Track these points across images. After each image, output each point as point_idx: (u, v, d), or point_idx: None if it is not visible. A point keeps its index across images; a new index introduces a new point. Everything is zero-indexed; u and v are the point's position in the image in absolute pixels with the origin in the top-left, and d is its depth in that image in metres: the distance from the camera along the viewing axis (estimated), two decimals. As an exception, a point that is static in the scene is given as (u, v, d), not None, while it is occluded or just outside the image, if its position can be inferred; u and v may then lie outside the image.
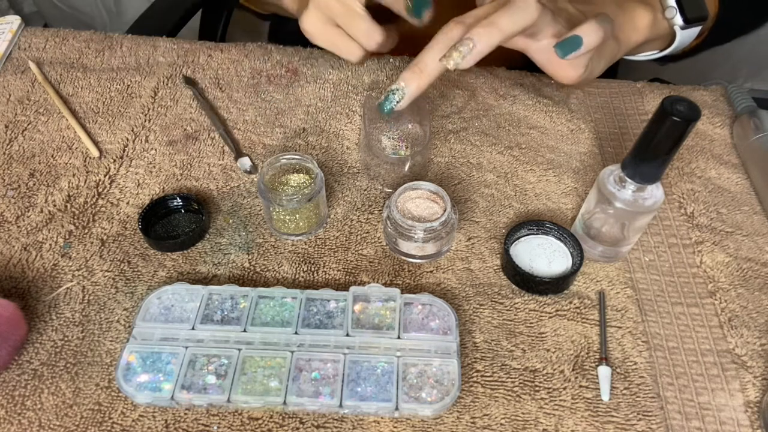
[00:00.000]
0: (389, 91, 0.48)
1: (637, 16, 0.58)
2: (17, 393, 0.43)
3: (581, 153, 0.62)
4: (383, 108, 0.48)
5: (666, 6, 0.59)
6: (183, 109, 0.64)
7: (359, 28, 0.53)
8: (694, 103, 0.40)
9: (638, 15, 0.58)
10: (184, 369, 0.43)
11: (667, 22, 0.59)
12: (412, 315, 0.47)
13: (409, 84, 0.47)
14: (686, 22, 0.59)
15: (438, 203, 0.52)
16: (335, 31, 0.55)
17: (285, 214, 0.51)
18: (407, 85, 0.47)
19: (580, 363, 0.46)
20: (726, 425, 0.44)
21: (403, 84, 0.47)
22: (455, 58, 0.45)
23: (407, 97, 0.47)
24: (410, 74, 0.47)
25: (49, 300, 0.48)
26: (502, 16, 0.45)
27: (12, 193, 0.55)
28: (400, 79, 0.47)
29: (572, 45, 0.47)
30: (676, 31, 0.60)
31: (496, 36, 0.45)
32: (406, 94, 0.47)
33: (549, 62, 0.52)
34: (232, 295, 0.47)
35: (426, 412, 0.42)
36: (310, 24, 0.55)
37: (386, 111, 0.48)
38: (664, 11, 0.59)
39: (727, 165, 0.61)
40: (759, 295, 0.51)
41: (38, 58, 0.68)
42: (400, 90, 0.47)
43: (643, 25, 0.58)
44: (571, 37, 0.47)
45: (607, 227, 0.49)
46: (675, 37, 0.61)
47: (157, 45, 0.70)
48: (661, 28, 0.60)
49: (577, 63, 0.51)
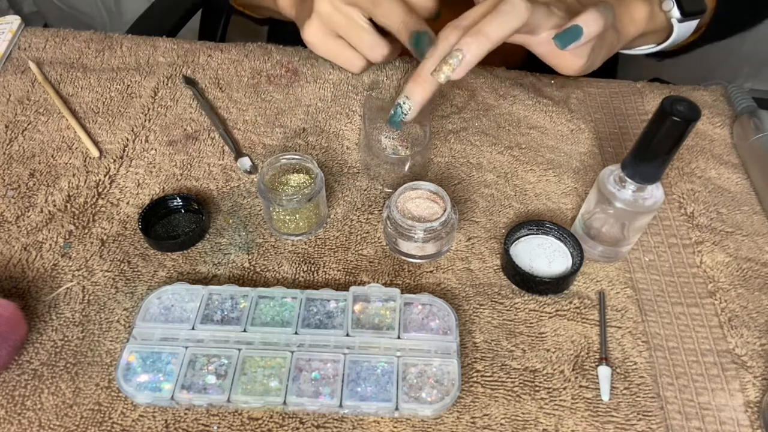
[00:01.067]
0: (396, 105, 0.48)
1: (634, 7, 0.57)
2: (17, 393, 0.43)
3: (581, 153, 0.62)
4: (393, 122, 0.49)
5: None
6: (183, 109, 0.64)
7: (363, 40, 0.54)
8: (694, 103, 0.40)
9: (635, 7, 0.57)
10: (184, 369, 0.43)
11: (665, 15, 0.59)
12: (412, 315, 0.47)
13: (414, 95, 0.48)
14: (683, 15, 0.58)
15: (438, 203, 0.52)
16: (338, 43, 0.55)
17: (285, 214, 0.51)
18: (412, 97, 0.48)
19: (580, 363, 0.46)
20: (726, 425, 0.44)
21: (408, 96, 0.48)
22: (445, 72, 0.45)
23: (414, 108, 0.48)
24: (413, 85, 0.48)
25: (49, 300, 0.48)
26: (491, 22, 0.45)
27: (12, 193, 0.55)
28: (405, 91, 0.48)
29: (572, 35, 0.47)
30: (674, 24, 0.60)
31: (485, 44, 0.45)
32: (413, 105, 0.48)
33: (551, 54, 0.52)
34: (232, 295, 0.47)
35: (426, 412, 0.42)
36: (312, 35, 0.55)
37: (396, 125, 0.49)
38: (661, 4, 0.59)
39: (727, 165, 0.61)
40: (759, 295, 0.51)
41: (38, 58, 0.68)
42: (407, 102, 0.48)
43: (640, 17, 0.57)
44: (571, 28, 0.47)
45: (607, 227, 0.49)
46: (672, 31, 0.60)
47: (157, 45, 0.70)
48: (658, 21, 0.59)
49: (579, 52, 0.51)
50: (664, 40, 0.62)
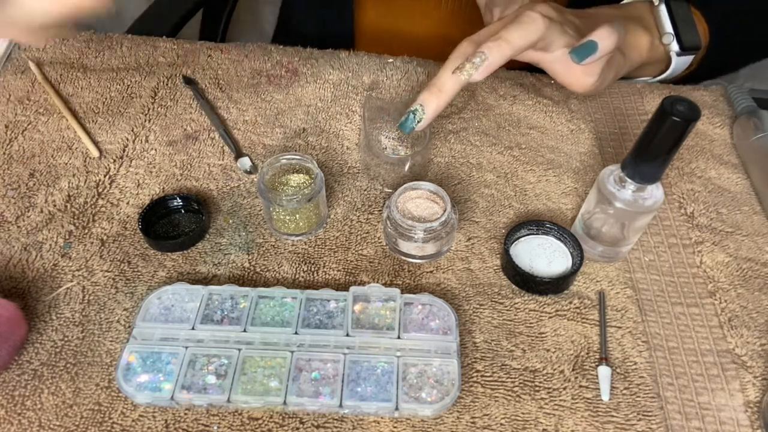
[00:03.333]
0: (409, 112, 0.48)
1: (638, 36, 0.61)
2: (17, 393, 0.43)
3: (581, 153, 0.62)
4: (404, 128, 0.49)
5: (663, 32, 0.62)
6: (183, 109, 0.64)
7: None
8: (694, 103, 0.41)
9: (639, 36, 0.61)
10: (184, 369, 0.43)
11: (664, 48, 0.63)
12: (412, 315, 0.47)
13: (428, 104, 0.47)
14: (682, 49, 0.62)
15: (438, 203, 0.52)
16: None
17: (285, 214, 0.51)
18: (426, 106, 0.48)
19: (580, 363, 0.46)
20: (726, 425, 0.44)
21: (421, 104, 0.48)
22: (468, 69, 0.46)
23: (427, 117, 0.48)
24: (428, 95, 0.48)
25: (49, 300, 0.48)
26: (511, 31, 0.46)
27: (12, 193, 0.55)
28: (419, 99, 0.48)
29: (588, 50, 0.49)
30: (672, 57, 0.63)
31: (506, 49, 0.46)
32: (426, 114, 0.48)
33: (563, 72, 0.53)
34: (232, 295, 0.47)
35: (426, 412, 0.42)
36: None
37: (407, 131, 0.49)
38: (662, 37, 0.62)
39: (727, 165, 0.61)
40: (759, 295, 0.51)
41: (38, 58, 0.68)
42: (420, 110, 0.48)
43: (643, 46, 0.61)
44: (586, 42, 0.49)
45: (607, 227, 0.49)
46: (669, 64, 0.64)
47: (157, 45, 0.70)
48: (657, 52, 0.63)
49: (591, 70, 0.52)
50: (660, 73, 0.66)
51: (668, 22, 0.62)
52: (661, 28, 0.62)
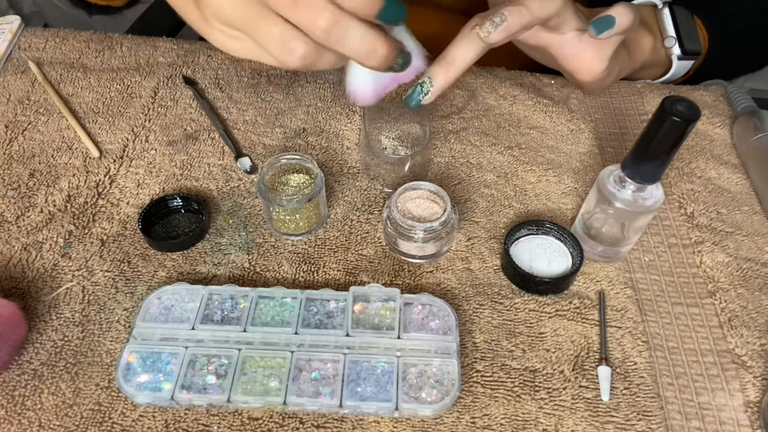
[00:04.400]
0: (417, 84, 0.46)
1: (641, 37, 0.62)
2: (17, 393, 0.43)
3: (581, 153, 0.62)
4: (410, 101, 0.47)
5: (666, 36, 0.63)
6: (183, 109, 0.64)
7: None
8: (694, 103, 0.41)
9: (642, 37, 0.62)
10: (184, 369, 0.43)
11: (665, 51, 0.64)
12: (412, 315, 0.47)
13: (437, 77, 0.46)
14: (684, 53, 0.64)
15: (438, 203, 0.52)
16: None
17: (285, 214, 0.51)
18: (435, 78, 0.46)
19: (580, 363, 0.46)
20: (726, 425, 0.44)
21: (430, 77, 0.46)
22: (487, 27, 0.45)
23: (435, 90, 0.46)
24: (438, 68, 0.46)
25: (49, 300, 0.48)
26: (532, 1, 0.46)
27: (12, 193, 0.55)
28: (428, 72, 0.46)
29: (606, 23, 0.49)
30: (673, 61, 0.65)
31: (526, 15, 0.45)
32: (434, 87, 0.46)
33: (573, 56, 0.53)
34: (232, 295, 0.47)
35: (426, 412, 0.42)
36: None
37: (414, 104, 0.47)
38: (664, 40, 0.63)
39: (727, 165, 0.61)
40: (759, 295, 0.51)
41: (38, 58, 0.68)
42: (428, 83, 0.46)
43: (646, 47, 0.62)
44: (604, 16, 0.49)
45: (607, 227, 0.49)
46: (670, 67, 0.66)
47: (157, 45, 0.70)
48: (659, 55, 0.64)
49: (602, 54, 0.53)
50: (661, 75, 0.68)
51: (671, 25, 0.63)
52: (664, 32, 0.63)
